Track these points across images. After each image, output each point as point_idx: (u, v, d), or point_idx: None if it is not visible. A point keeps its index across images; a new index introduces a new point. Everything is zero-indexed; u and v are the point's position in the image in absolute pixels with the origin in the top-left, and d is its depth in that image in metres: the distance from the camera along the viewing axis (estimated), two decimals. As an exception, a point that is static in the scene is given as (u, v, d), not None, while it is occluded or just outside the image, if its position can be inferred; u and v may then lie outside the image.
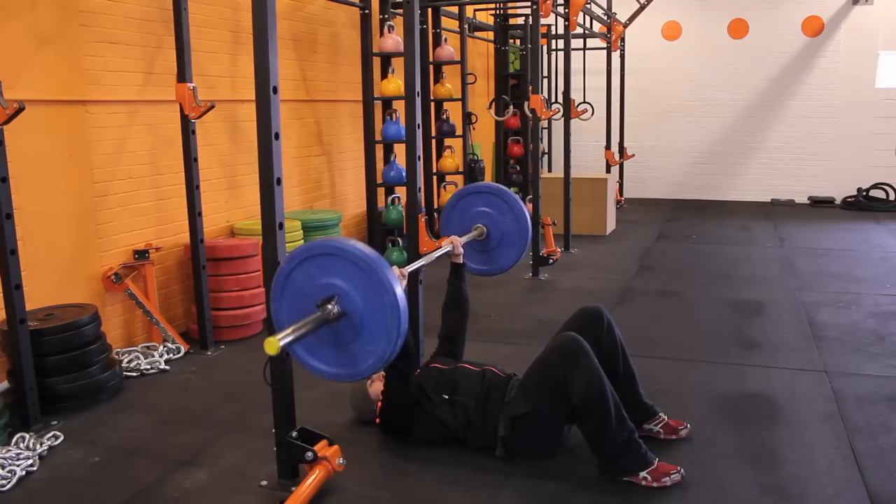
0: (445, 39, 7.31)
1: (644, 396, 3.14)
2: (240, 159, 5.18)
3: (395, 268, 2.80)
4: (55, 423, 3.37)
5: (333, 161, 6.47)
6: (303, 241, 5.27)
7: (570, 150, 7.15)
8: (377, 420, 3.13)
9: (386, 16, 6.55)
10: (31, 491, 2.82)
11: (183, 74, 4.11)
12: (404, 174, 3.71)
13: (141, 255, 4.27)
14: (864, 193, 9.80)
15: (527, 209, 3.67)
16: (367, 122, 6.42)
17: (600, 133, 9.79)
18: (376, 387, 3.18)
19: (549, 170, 10.66)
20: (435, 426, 3.02)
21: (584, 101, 8.08)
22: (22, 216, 3.48)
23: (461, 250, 3.42)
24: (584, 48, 10.27)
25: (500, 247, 3.66)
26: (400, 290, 2.32)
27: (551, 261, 6.01)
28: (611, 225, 8.19)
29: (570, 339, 2.83)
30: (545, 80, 10.33)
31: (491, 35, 9.68)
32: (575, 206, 7.27)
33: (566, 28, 6.98)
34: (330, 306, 2.30)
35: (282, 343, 2.14)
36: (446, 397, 3.00)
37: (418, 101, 3.43)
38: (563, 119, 7.19)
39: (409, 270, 2.90)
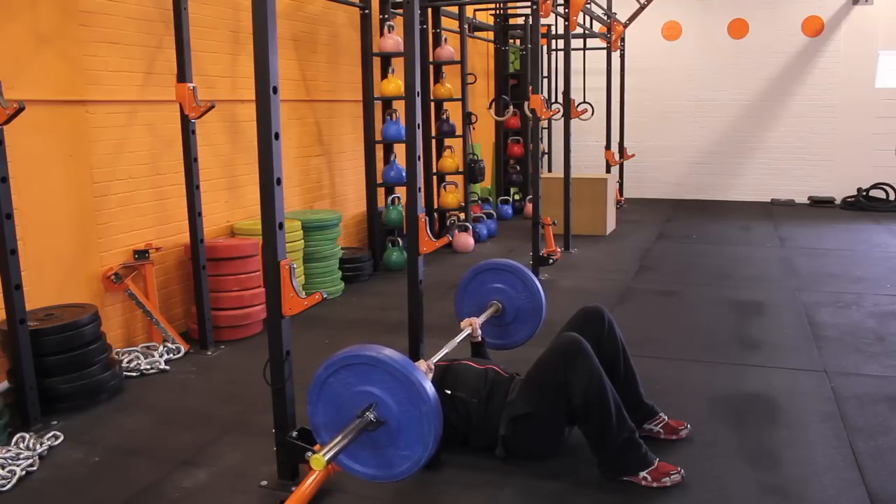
0: (445, 39, 7.31)
1: (644, 396, 3.14)
2: (240, 159, 5.18)
3: (421, 361, 2.83)
4: (55, 423, 3.37)
5: (333, 161, 6.47)
6: (303, 241, 5.27)
7: (570, 150, 7.15)
8: None
9: (386, 16, 6.55)
10: (31, 491, 2.82)
11: (183, 74, 4.11)
12: (404, 174, 3.70)
13: (141, 255, 4.27)
14: (864, 193, 9.80)
15: (539, 283, 3.65)
16: (367, 122, 6.42)
17: (600, 133, 9.79)
18: None
19: (549, 170, 10.67)
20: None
21: (584, 101, 8.08)
22: (22, 216, 3.48)
23: (479, 332, 3.45)
24: (584, 48, 10.26)
25: (515, 322, 3.67)
26: (435, 396, 2.34)
27: (551, 261, 6.01)
28: (611, 225, 8.19)
29: (571, 340, 2.83)
30: (545, 80, 10.33)
31: (491, 35, 9.69)
32: (575, 206, 7.27)
33: (566, 28, 6.98)
34: (368, 414, 2.34)
35: (326, 458, 2.20)
36: (448, 392, 3.00)
37: (418, 101, 3.42)
38: (563, 119, 7.19)
39: (433, 362, 2.95)
